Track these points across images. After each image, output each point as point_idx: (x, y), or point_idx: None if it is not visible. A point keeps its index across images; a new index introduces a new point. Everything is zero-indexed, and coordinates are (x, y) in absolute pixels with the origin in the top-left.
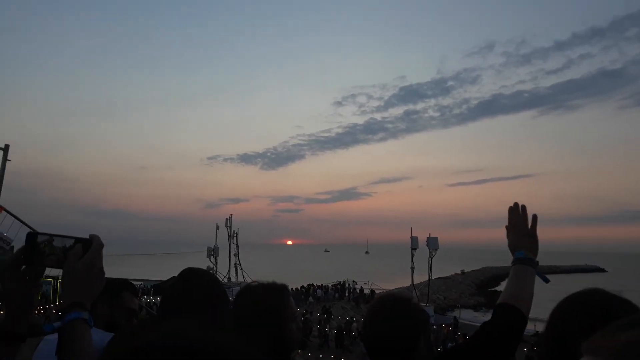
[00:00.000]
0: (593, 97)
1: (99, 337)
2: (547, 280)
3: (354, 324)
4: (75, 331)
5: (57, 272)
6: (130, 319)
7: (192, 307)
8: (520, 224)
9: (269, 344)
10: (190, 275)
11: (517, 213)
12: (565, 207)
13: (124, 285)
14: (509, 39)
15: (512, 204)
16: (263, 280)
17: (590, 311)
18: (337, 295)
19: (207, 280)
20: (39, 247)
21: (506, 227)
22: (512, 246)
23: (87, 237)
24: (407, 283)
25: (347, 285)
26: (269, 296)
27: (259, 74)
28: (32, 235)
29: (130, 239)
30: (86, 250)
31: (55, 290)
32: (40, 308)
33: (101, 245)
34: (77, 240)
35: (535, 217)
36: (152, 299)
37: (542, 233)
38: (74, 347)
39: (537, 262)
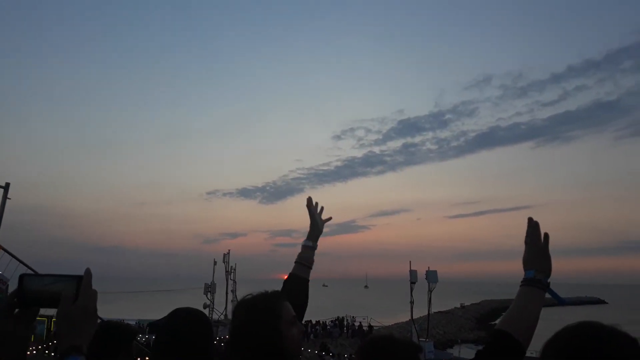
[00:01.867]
0: (589, 129)
1: None
2: (562, 302)
3: None
4: None
5: (51, 311)
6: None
7: (179, 350)
8: (536, 240)
9: (267, 351)
10: (175, 318)
11: (536, 228)
12: (564, 238)
13: (136, 331)
14: (506, 72)
15: (531, 218)
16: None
17: (580, 345)
18: (335, 330)
19: (193, 321)
20: (32, 289)
21: (525, 241)
22: (524, 262)
23: (81, 274)
24: (407, 318)
25: (345, 321)
26: (262, 303)
27: (259, 109)
28: (25, 277)
29: (129, 275)
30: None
31: (49, 329)
32: (32, 349)
33: (89, 283)
34: (71, 278)
35: (547, 235)
36: (147, 337)
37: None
38: None
39: (549, 282)
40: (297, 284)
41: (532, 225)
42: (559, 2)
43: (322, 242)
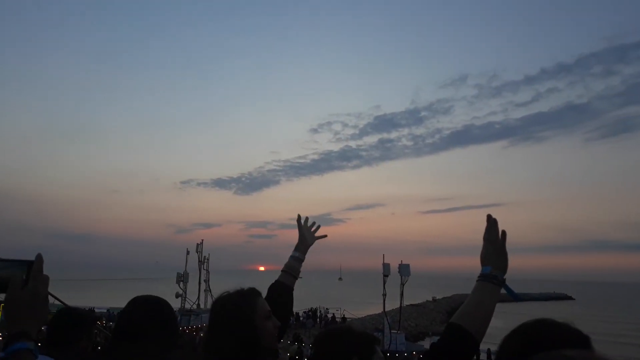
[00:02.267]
0: (560, 130)
1: None
2: (517, 298)
3: None
4: None
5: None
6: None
7: (134, 336)
8: (494, 237)
9: (243, 345)
10: (132, 304)
11: (494, 225)
12: (533, 236)
13: (96, 317)
14: (481, 72)
15: (490, 215)
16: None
17: (531, 340)
18: (308, 321)
19: (150, 308)
20: None
21: (484, 237)
22: (482, 258)
23: (32, 259)
24: (379, 310)
25: (319, 312)
26: (237, 299)
27: (236, 100)
28: None
29: (100, 263)
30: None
31: None
32: None
33: (40, 268)
34: (21, 263)
35: (504, 233)
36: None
37: (511, 261)
38: None
39: (505, 279)
40: (283, 291)
41: (491, 223)
42: (533, 7)
43: (298, 234)
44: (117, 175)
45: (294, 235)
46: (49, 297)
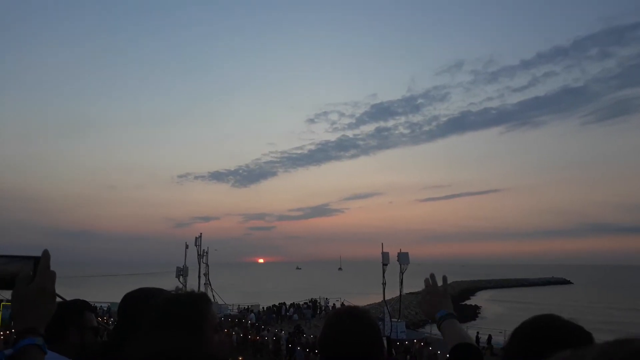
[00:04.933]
0: (557, 114)
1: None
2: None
3: None
4: (28, 358)
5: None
6: (95, 338)
7: (134, 324)
8: (435, 290)
9: (185, 347)
10: (132, 296)
11: (433, 279)
12: (531, 220)
13: (84, 305)
14: (477, 57)
15: (427, 279)
16: (184, 289)
17: (539, 335)
18: (308, 312)
19: (138, 301)
20: None
21: (425, 299)
22: (431, 312)
23: (39, 254)
24: (379, 299)
25: (318, 303)
26: (187, 299)
27: (231, 92)
28: None
29: (99, 260)
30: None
31: None
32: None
33: (47, 264)
34: (28, 259)
35: (445, 277)
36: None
37: (509, 246)
38: None
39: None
40: None
41: (430, 281)
42: None
43: (297, 226)
44: (113, 170)
45: (291, 227)
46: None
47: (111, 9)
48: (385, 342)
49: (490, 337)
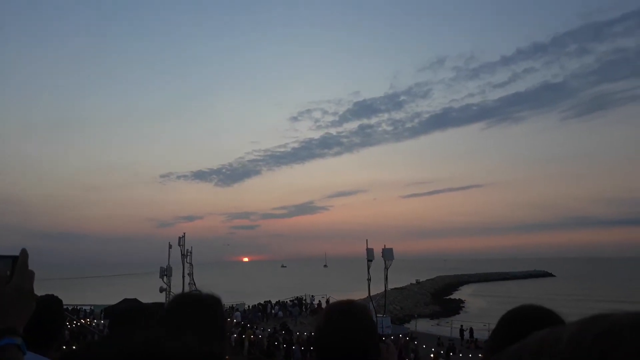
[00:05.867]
0: (537, 110)
1: None
2: None
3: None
4: (7, 358)
5: None
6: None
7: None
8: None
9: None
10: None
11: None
12: (513, 215)
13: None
14: (458, 54)
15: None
16: (202, 290)
17: (526, 323)
18: (295, 309)
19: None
20: None
21: None
22: None
23: (16, 254)
24: (364, 295)
25: (304, 300)
26: (207, 309)
27: (214, 90)
28: None
29: (81, 262)
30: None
31: None
32: None
33: (25, 262)
34: (4, 258)
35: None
36: (102, 323)
37: (492, 241)
38: None
39: None
40: None
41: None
42: None
43: (281, 224)
44: (95, 171)
45: (276, 225)
46: None
47: (94, 9)
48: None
49: (472, 330)
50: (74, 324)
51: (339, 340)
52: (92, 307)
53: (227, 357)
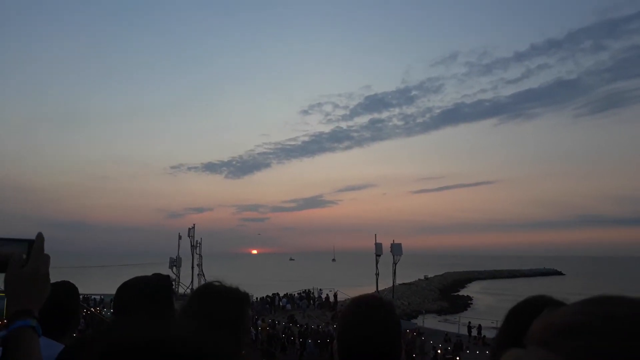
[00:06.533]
0: (550, 106)
1: (48, 345)
2: None
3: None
4: (22, 340)
5: None
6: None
7: (128, 307)
8: None
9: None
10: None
11: None
12: (524, 212)
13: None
14: (471, 49)
15: None
16: (227, 283)
17: (535, 312)
18: (303, 302)
19: (139, 285)
20: None
21: None
22: None
23: (33, 238)
24: (372, 289)
25: (312, 293)
26: (231, 304)
27: (225, 83)
28: None
29: (91, 250)
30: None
31: None
32: None
33: (41, 246)
34: (21, 241)
35: None
36: (112, 312)
37: (502, 238)
38: (20, 357)
39: None
40: None
41: None
42: None
43: (290, 217)
44: (106, 162)
45: (285, 218)
46: None
47: (105, 3)
48: None
49: (480, 327)
50: (85, 311)
51: (371, 334)
52: (102, 296)
53: (242, 352)
